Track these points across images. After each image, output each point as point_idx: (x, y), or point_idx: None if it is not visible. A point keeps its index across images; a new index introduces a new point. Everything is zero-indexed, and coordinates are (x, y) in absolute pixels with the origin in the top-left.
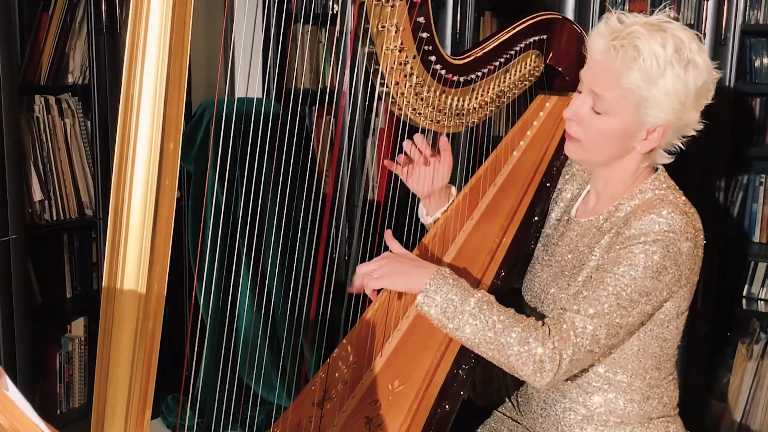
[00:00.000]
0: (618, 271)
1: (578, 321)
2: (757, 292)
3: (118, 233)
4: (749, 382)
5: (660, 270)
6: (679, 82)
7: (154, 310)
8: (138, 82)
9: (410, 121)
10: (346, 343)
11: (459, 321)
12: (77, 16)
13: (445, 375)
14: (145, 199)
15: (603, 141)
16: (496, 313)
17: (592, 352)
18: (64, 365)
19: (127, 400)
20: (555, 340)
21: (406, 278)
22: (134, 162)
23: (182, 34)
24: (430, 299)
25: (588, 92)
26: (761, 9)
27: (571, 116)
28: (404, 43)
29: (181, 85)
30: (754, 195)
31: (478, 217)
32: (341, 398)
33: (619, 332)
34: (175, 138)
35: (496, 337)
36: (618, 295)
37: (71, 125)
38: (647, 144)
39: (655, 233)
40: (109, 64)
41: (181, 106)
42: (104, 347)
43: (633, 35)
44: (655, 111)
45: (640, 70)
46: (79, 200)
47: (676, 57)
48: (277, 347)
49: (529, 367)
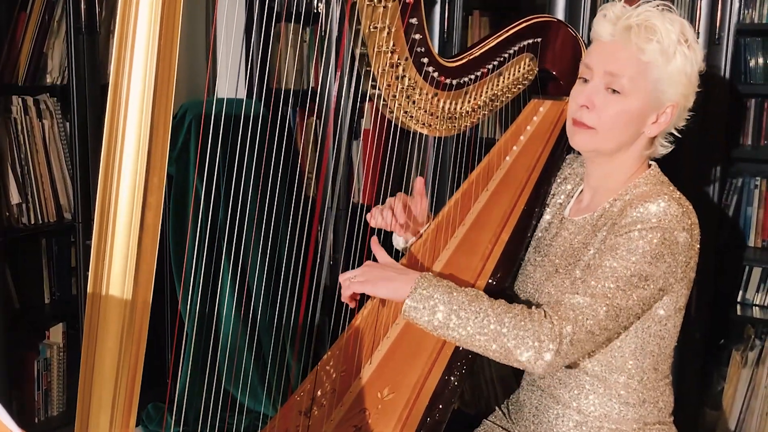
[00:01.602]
0: (616, 255)
1: (576, 300)
2: (752, 298)
3: (104, 236)
4: (744, 390)
5: (657, 256)
6: (687, 60)
7: (140, 315)
8: (126, 83)
9: (402, 124)
10: (335, 350)
11: (448, 320)
12: (55, 15)
13: (436, 383)
14: (132, 202)
15: (617, 124)
16: (486, 304)
17: (592, 333)
18: (43, 372)
19: (112, 407)
20: (553, 318)
21: (389, 284)
22: (121, 164)
23: (171, 35)
24: (416, 303)
25: (601, 75)
26: (756, 8)
27: (584, 102)
28: (396, 44)
29: (170, 86)
30: (748, 198)
31: (470, 223)
32: (329, 407)
33: (619, 315)
34: (163, 139)
35: (490, 326)
36: (617, 277)
37: (49, 126)
38: (656, 127)
39: (652, 221)
40: (88, 64)
41: (170, 107)
42: (89, 353)
43: (646, 15)
44: (670, 87)
45: (659, 44)
46: (57, 203)
47: (682, 37)
48: (260, 354)
49: (530, 351)
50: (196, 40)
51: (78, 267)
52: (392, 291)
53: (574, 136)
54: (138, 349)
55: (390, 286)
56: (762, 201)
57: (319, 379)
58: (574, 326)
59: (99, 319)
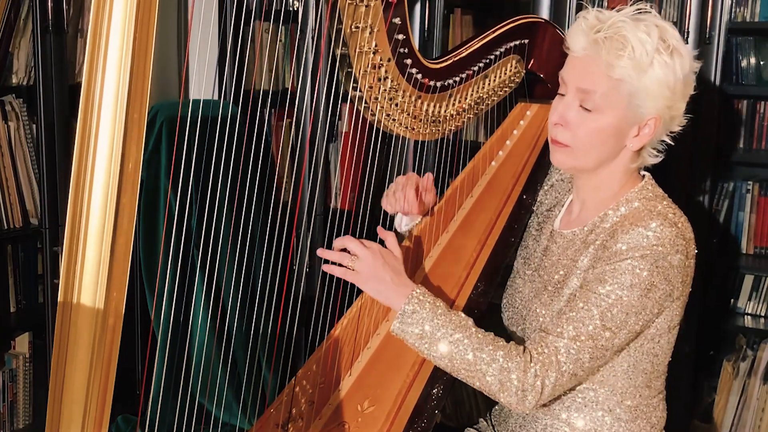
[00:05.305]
0: (603, 291)
1: (561, 345)
2: (744, 306)
3: (76, 242)
4: (735, 402)
5: (649, 287)
6: (668, 69)
7: (113, 325)
8: (99, 84)
9: (384, 127)
10: (313, 361)
11: (436, 347)
12: (21, 14)
13: (418, 396)
14: (105, 206)
15: (594, 142)
16: (474, 339)
17: (575, 375)
18: (8, 383)
19: (83, 420)
20: (537, 367)
21: (378, 288)
22: (94, 167)
23: (146, 35)
24: (405, 325)
25: (574, 92)
26: (748, 5)
27: (557, 120)
28: (379, 45)
29: (145, 87)
30: (740, 203)
31: (453, 230)
32: (307, 420)
33: (606, 354)
34: (137, 141)
35: (476, 364)
36: (603, 316)
37: (15, 129)
38: (639, 140)
39: (643, 248)
40: (55, 64)
41: (144, 109)
42: (59, 364)
43: (616, 26)
44: (647, 101)
45: (630, 59)
46: (23, 209)
47: (661, 44)
48: (235, 365)
49: (512, 397)
50: (167, 38)
51: (45, 274)
52: (380, 297)
53: (553, 154)
54: (110, 360)
55: (379, 289)
56: (754, 206)
57: (296, 392)
58: (558, 373)
59: (70, 329)
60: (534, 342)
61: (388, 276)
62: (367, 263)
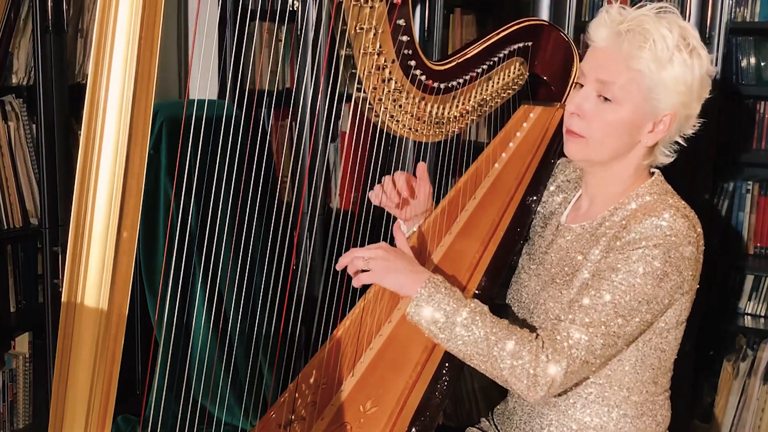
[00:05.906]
0: (616, 279)
1: (573, 331)
2: (744, 306)
3: (80, 243)
4: (735, 402)
5: (661, 276)
6: (686, 67)
7: (116, 325)
8: (104, 85)
9: (387, 128)
10: (315, 362)
11: (450, 332)
12: (21, 14)
13: (421, 396)
14: (109, 207)
15: (609, 134)
16: (489, 324)
17: (588, 363)
18: (8, 384)
19: (86, 420)
20: (549, 352)
21: (397, 277)
22: (98, 168)
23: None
24: (421, 308)
25: (593, 83)
26: (748, 5)
27: (574, 110)
28: (383, 46)
29: (150, 88)
30: (740, 203)
31: (456, 232)
32: (309, 421)
33: (617, 342)
34: (142, 142)
35: (489, 350)
36: (616, 303)
37: (15, 129)
38: (653, 136)
39: (657, 237)
40: (55, 64)
41: (149, 109)
42: (62, 364)
43: (639, 19)
44: (664, 96)
45: (651, 51)
46: (23, 209)
47: (682, 42)
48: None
49: (523, 382)
50: (168, 38)
51: (45, 274)
52: (398, 286)
53: (566, 145)
54: (113, 360)
55: (397, 279)
56: (754, 206)
57: (298, 392)
58: (569, 359)
59: (74, 330)
60: (546, 330)
61: (403, 266)
62: (382, 260)
